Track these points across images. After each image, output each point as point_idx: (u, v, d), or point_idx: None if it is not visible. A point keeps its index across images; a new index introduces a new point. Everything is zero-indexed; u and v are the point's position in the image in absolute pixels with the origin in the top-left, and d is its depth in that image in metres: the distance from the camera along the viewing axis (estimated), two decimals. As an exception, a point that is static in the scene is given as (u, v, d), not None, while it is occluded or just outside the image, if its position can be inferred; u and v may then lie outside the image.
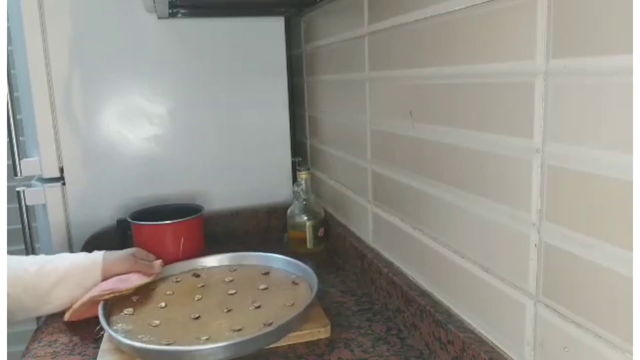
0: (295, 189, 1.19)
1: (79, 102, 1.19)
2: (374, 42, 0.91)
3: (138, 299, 0.89)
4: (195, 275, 0.98)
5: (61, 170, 1.19)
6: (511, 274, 0.59)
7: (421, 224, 0.80)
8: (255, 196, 1.35)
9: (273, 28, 1.31)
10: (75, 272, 0.88)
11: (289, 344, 0.78)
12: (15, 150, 1.15)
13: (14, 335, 1.28)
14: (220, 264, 1.02)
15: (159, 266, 0.96)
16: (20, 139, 1.19)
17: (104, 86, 1.20)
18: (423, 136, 0.76)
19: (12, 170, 1.17)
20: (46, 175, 1.19)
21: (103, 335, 0.80)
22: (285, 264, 0.98)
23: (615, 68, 0.43)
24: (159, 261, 0.97)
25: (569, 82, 0.48)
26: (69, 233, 1.22)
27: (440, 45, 0.70)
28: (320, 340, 0.79)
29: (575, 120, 0.48)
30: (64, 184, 1.20)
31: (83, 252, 0.94)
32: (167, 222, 1.09)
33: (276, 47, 1.32)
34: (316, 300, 0.84)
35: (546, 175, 0.52)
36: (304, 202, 1.18)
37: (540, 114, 0.52)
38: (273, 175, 1.36)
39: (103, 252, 0.93)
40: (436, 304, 0.75)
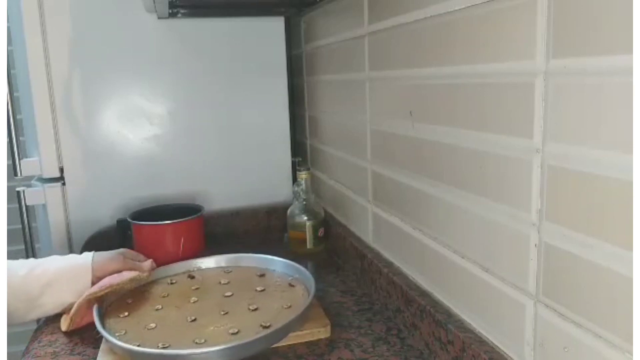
0: (295, 189, 1.19)
1: (79, 102, 1.19)
2: (374, 42, 0.91)
3: (133, 301, 0.88)
4: (190, 277, 0.98)
5: (61, 170, 1.19)
6: (511, 274, 0.59)
7: (421, 224, 0.80)
8: (255, 196, 1.35)
9: (273, 28, 1.31)
10: (65, 274, 0.87)
11: (289, 344, 0.78)
12: (15, 150, 1.15)
13: (14, 335, 1.28)
14: (216, 266, 1.01)
15: (149, 265, 0.94)
16: (20, 139, 1.19)
17: (104, 86, 1.20)
18: (423, 136, 0.76)
19: (12, 170, 1.17)
20: (46, 175, 1.19)
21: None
22: (282, 266, 0.97)
23: (615, 68, 0.43)
24: (149, 260, 0.95)
25: (569, 82, 0.48)
26: (69, 233, 1.22)
27: (440, 45, 0.70)
28: (320, 340, 0.79)
29: (575, 120, 0.48)
30: (64, 184, 1.20)
31: (72, 254, 0.93)
32: (167, 222, 1.09)
33: (276, 47, 1.32)
34: (315, 301, 0.84)
35: (546, 175, 0.52)
36: (304, 202, 1.18)
37: (540, 114, 0.52)
38: (273, 175, 1.36)
39: (92, 253, 0.91)
40: (436, 304, 0.75)
